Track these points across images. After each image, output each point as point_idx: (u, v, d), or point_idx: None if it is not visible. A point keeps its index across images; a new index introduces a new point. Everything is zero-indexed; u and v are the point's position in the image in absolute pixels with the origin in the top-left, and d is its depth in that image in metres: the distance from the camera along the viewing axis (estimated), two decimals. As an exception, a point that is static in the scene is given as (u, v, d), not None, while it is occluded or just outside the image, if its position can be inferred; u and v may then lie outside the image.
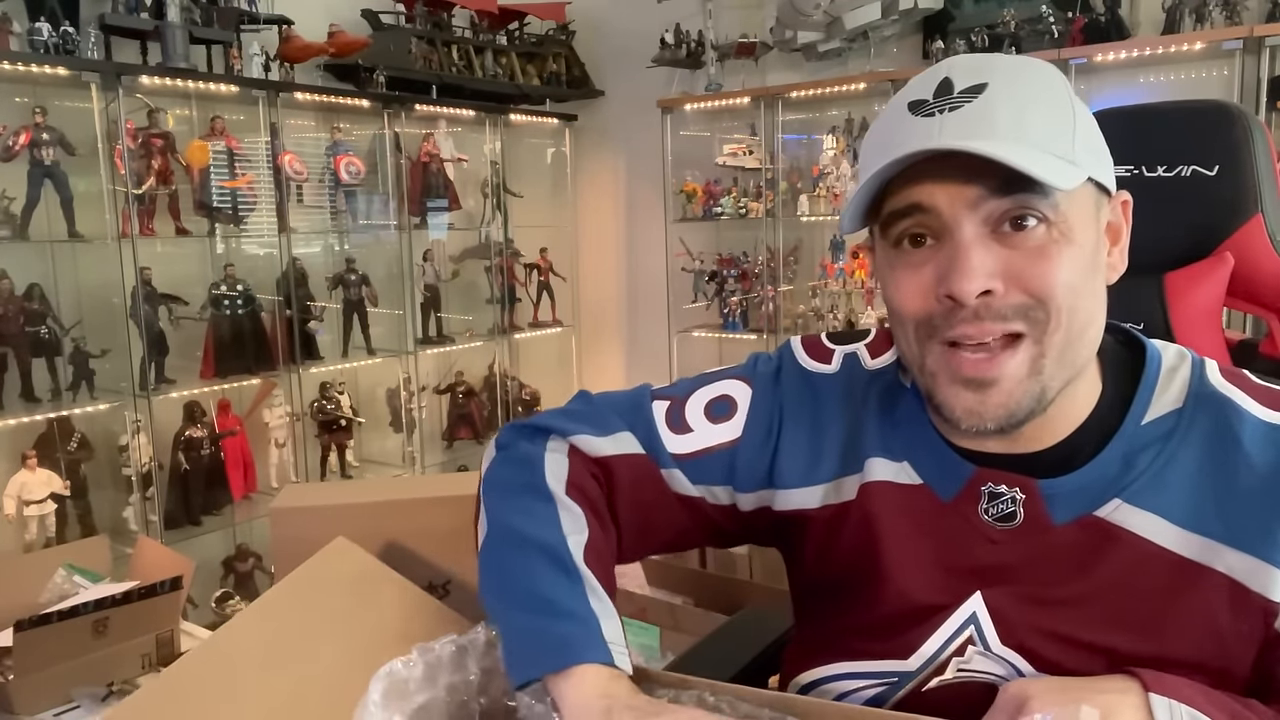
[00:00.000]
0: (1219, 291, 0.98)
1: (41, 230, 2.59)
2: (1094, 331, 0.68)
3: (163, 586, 1.26)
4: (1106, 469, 0.68)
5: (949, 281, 0.63)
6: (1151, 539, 0.66)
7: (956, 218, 0.63)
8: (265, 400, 3.11)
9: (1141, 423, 0.69)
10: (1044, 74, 0.66)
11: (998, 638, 0.70)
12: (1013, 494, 0.70)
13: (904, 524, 0.74)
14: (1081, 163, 0.63)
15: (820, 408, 0.80)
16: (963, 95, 0.63)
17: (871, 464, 0.76)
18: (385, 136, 3.40)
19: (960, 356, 0.65)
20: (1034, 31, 2.96)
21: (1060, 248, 0.63)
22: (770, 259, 3.54)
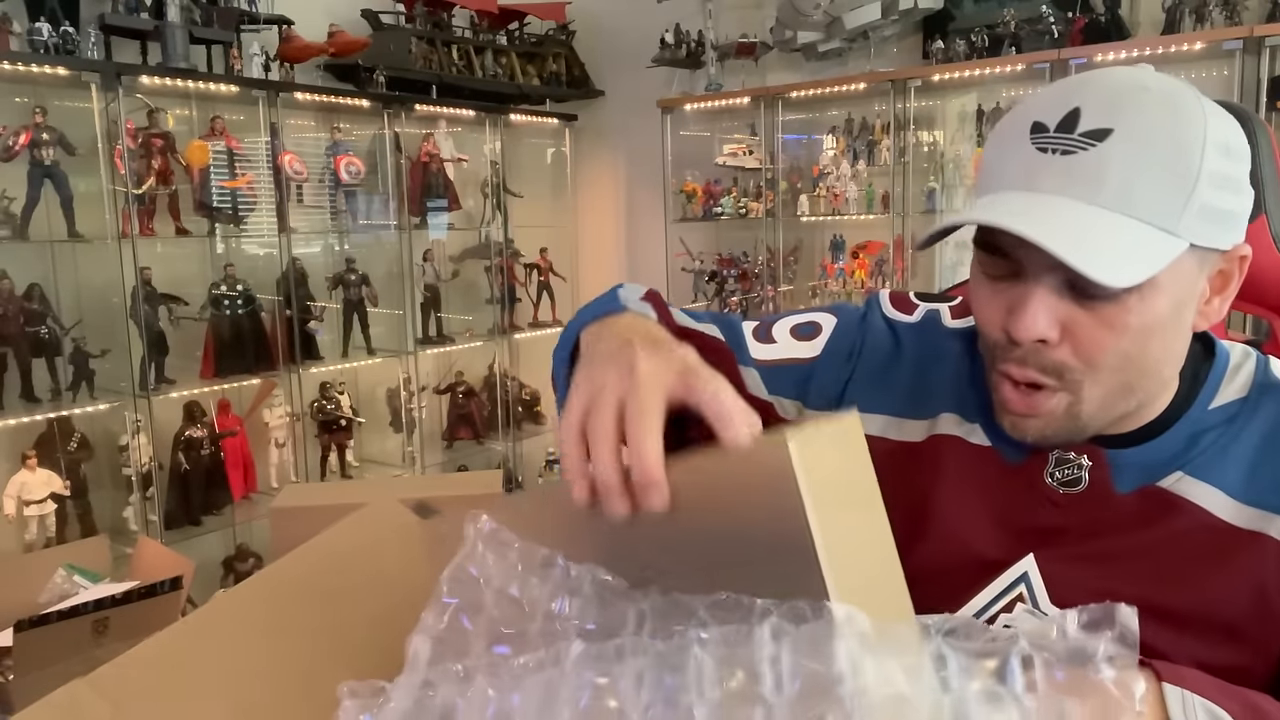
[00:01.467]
0: (1222, 292, 0.98)
1: (41, 230, 2.59)
2: (1156, 377, 0.69)
3: (163, 586, 1.26)
4: (1173, 445, 0.71)
5: (1011, 320, 0.66)
6: (1208, 508, 0.69)
7: (1035, 270, 0.65)
8: (265, 400, 3.11)
9: (1208, 407, 0.72)
10: (1178, 125, 0.63)
11: (1048, 598, 0.72)
12: (1080, 460, 0.72)
13: (968, 480, 0.76)
14: (1187, 232, 0.62)
15: (898, 351, 0.83)
16: (1084, 137, 0.62)
17: (943, 418, 0.78)
18: (385, 136, 3.40)
19: (1006, 388, 0.70)
20: (1034, 31, 2.96)
21: (1130, 318, 0.63)
22: (770, 259, 3.54)
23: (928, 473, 0.77)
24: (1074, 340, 0.65)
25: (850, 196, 3.36)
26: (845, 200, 3.37)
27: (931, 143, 3.30)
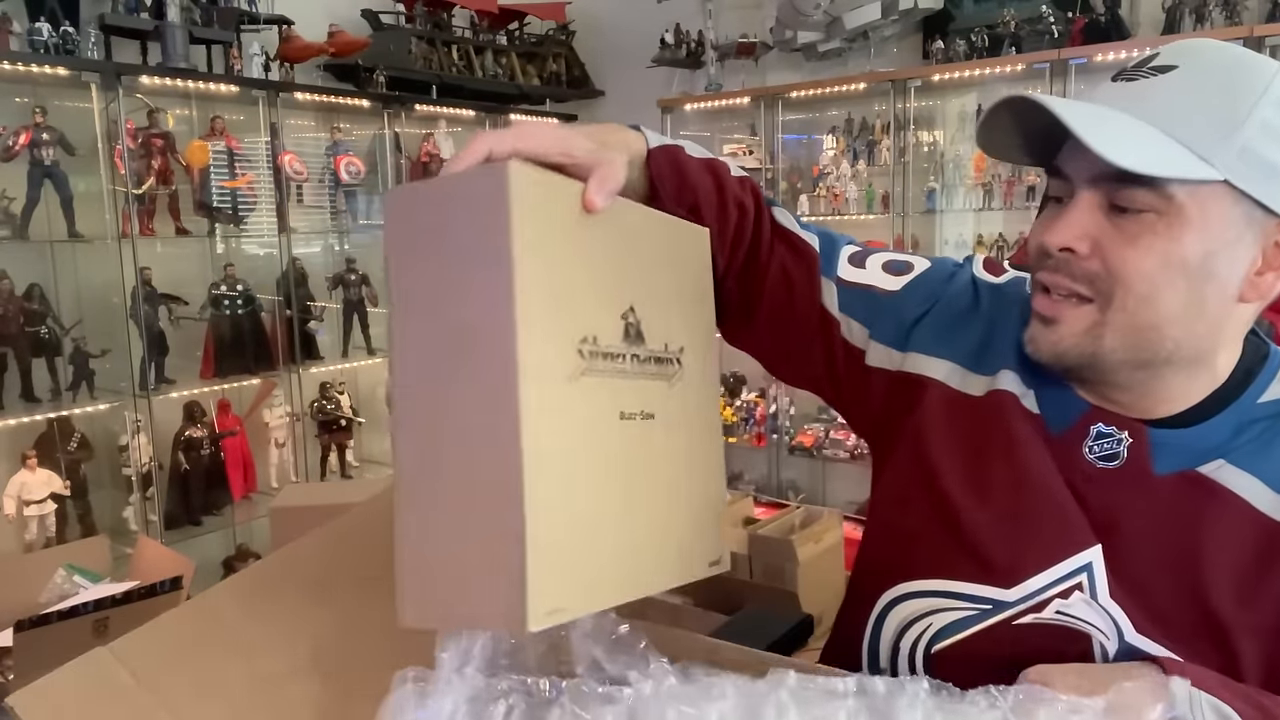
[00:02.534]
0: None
1: (41, 230, 2.59)
2: (1185, 332, 0.68)
3: (163, 586, 1.26)
4: (1217, 432, 0.71)
5: (1044, 231, 0.70)
6: (1247, 498, 0.69)
7: (1078, 185, 0.68)
8: (265, 400, 3.11)
9: (1257, 401, 0.72)
10: (1240, 70, 0.66)
11: (1107, 591, 0.71)
12: (1120, 436, 0.72)
13: (1015, 448, 0.75)
14: (1224, 167, 0.63)
15: (976, 308, 0.83)
16: (1149, 70, 0.67)
17: (1004, 374, 0.79)
18: (385, 136, 3.40)
19: (1039, 295, 0.72)
20: (1034, 31, 2.96)
21: (1156, 239, 0.65)
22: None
23: (986, 430, 0.77)
24: (1102, 254, 0.67)
25: (850, 196, 3.36)
26: (845, 200, 3.37)
27: (931, 143, 3.30)
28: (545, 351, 0.53)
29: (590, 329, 0.57)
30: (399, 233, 0.57)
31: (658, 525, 0.64)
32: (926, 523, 0.78)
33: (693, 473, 0.67)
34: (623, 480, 0.60)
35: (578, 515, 0.55)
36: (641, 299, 0.62)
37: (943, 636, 0.74)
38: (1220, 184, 0.64)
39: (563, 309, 0.55)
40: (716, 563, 0.70)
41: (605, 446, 0.59)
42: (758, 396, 3.69)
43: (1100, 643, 0.70)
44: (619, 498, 0.60)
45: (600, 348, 0.58)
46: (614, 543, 0.59)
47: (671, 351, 0.65)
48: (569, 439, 0.55)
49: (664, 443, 0.64)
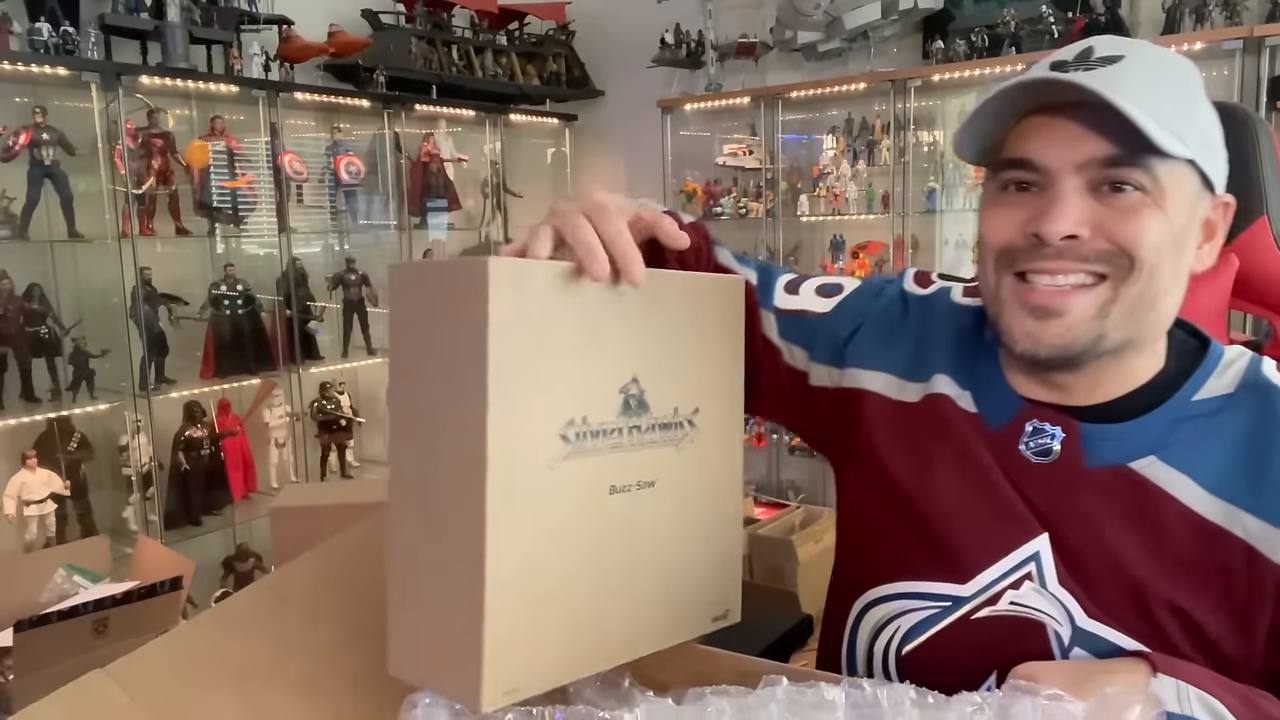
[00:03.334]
0: (1224, 293, 0.98)
1: (41, 230, 2.59)
2: (1167, 304, 0.71)
3: (163, 586, 1.26)
4: (1151, 429, 0.72)
5: (1039, 221, 0.68)
6: (1178, 496, 0.69)
7: (1061, 173, 0.68)
8: (265, 400, 3.11)
9: (1192, 399, 0.72)
10: (1179, 64, 0.71)
11: (1056, 578, 0.72)
12: (1054, 431, 0.74)
13: (956, 446, 0.77)
14: (1191, 146, 0.67)
15: (904, 318, 0.86)
16: (1099, 61, 0.68)
17: (939, 379, 0.81)
18: (385, 136, 3.40)
19: (1032, 287, 0.70)
20: (1034, 31, 2.96)
21: (1153, 213, 0.67)
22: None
23: (926, 433, 0.80)
24: (1108, 232, 0.67)
25: (850, 196, 3.36)
26: (845, 200, 3.37)
27: (931, 143, 3.30)
28: (519, 442, 0.55)
29: (579, 411, 0.58)
30: (398, 307, 0.60)
31: (647, 591, 0.64)
32: (885, 526, 0.81)
33: (701, 531, 0.67)
34: (604, 554, 0.61)
35: (545, 599, 0.57)
36: (648, 368, 0.62)
37: (911, 638, 0.76)
38: (1186, 163, 0.67)
39: (544, 397, 0.57)
40: (723, 616, 0.69)
41: (587, 524, 0.60)
42: (758, 396, 3.69)
43: (1054, 630, 0.72)
44: (596, 572, 0.61)
45: (591, 427, 0.59)
46: (588, 618, 0.60)
47: (682, 415, 0.65)
48: (542, 525, 0.57)
49: (665, 507, 0.64)
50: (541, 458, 0.56)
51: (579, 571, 0.59)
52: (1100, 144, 0.66)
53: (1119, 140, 0.66)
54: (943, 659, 0.66)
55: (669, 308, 0.65)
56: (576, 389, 0.58)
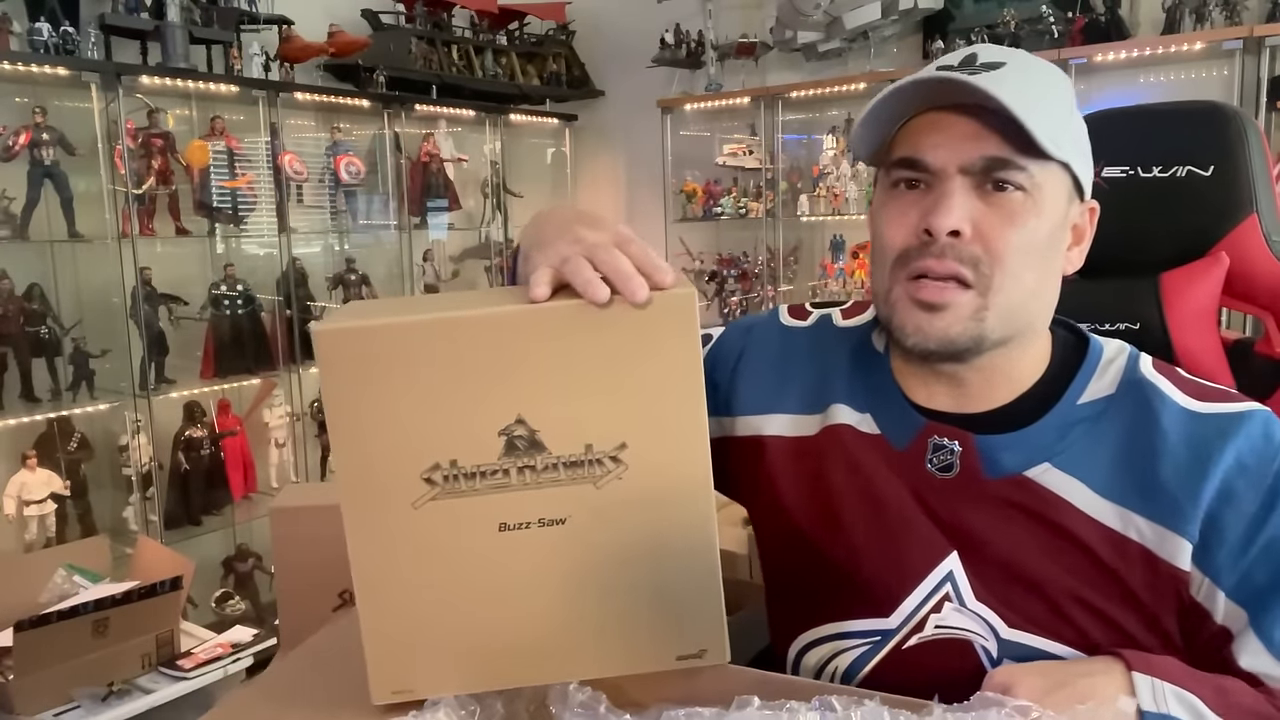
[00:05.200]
0: (1215, 291, 0.99)
1: (41, 230, 2.59)
2: (1038, 305, 0.75)
3: (163, 586, 1.26)
4: (1041, 435, 0.74)
5: (929, 218, 0.71)
6: (1073, 502, 0.72)
7: (948, 172, 0.71)
8: (265, 400, 3.11)
9: (1077, 402, 0.75)
10: (1054, 73, 0.75)
11: (973, 594, 0.74)
12: (953, 445, 0.75)
13: (862, 474, 0.79)
14: (1065, 150, 0.70)
15: (789, 354, 0.87)
16: (983, 67, 0.71)
17: (836, 409, 0.82)
18: (385, 136, 3.41)
19: (920, 284, 0.73)
20: (1034, 31, 2.96)
21: (1028, 217, 0.71)
22: (770, 259, 3.55)
23: (828, 467, 0.81)
24: (982, 236, 0.71)
25: (850, 196, 3.36)
26: (845, 200, 3.37)
27: (931, 143, 3.30)
28: (374, 487, 0.61)
29: (445, 455, 0.61)
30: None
31: (580, 620, 0.65)
32: (803, 572, 0.82)
33: (650, 566, 0.64)
34: (504, 584, 0.64)
35: (427, 619, 0.64)
36: (540, 408, 0.61)
37: (850, 676, 0.78)
38: (1060, 166, 0.71)
39: (400, 446, 0.61)
40: (696, 655, 0.66)
41: (474, 557, 0.63)
42: (757, 396, 3.69)
43: (980, 645, 0.73)
44: (495, 601, 0.64)
45: (463, 469, 0.61)
46: (487, 639, 0.65)
47: (598, 452, 0.62)
48: (413, 556, 0.63)
49: (587, 543, 0.63)
50: (405, 499, 0.61)
51: (470, 598, 0.64)
52: (984, 144, 0.70)
53: (1002, 141, 0.69)
54: (885, 690, 0.66)
55: (578, 340, 0.61)
56: (441, 435, 0.61)
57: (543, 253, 0.63)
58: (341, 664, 0.70)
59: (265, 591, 3.03)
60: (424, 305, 0.66)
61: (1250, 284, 0.99)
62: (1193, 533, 0.69)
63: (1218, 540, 0.69)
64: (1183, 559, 0.69)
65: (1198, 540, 0.69)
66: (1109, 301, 1.01)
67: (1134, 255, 1.02)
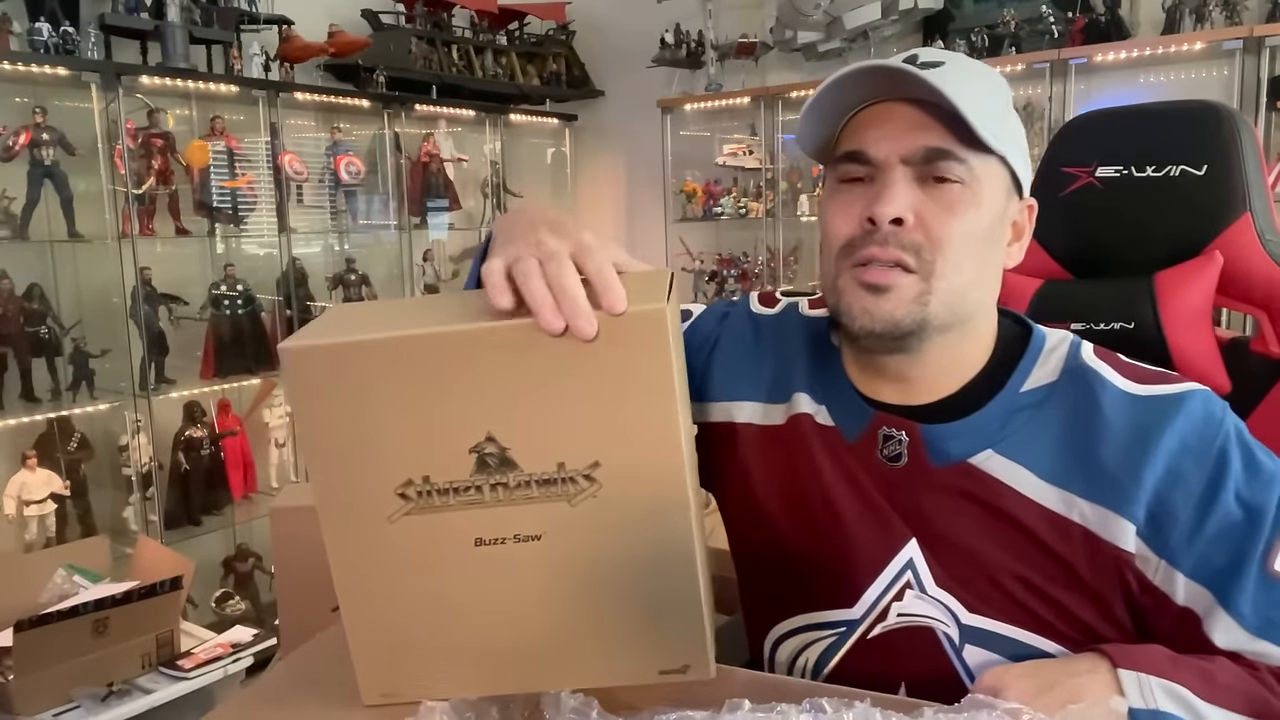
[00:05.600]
0: (1209, 290, 0.99)
1: (41, 230, 2.60)
2: (980, 293, 0.77)
3: (163, 586, 1.27)
4: (985, 423, 0.75)
5: (873, 206, 0.73)
6: (1017, 488, 0.73)
7: (891, 164, 0.73)
8: (265, 400, 3.12)
9: (1020, 390, 0.76)
10: (993, 75, 0.78)
11: (933, 580, 0.75)
12: (900, 435, 0.77)
13: (820, 465, 0.81)
14: (1004, 143, 0.73)
15: (758, 341, 0.89)
16: (923, 65, 0.73)
17: (798, 398, 0.84)
18: (385, 136, 3.41)
19: (866, 269, 0.74)
20: (1034, 31, 2.96)
21: (967, 208, 0.73)
22: (770, 259, 3.55)
23: (793, 456, 0.82)
24: (924, 221, 0.73)
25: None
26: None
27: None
28: (349, 501, 0.62)
29: (418, 471, 0.61)
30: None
31: (559, 633, 0.65)
32: (771, 565, 0.84)
33: (628, 583, 0.64)
34: (481, 596, 0.65)
35: (408, 628, 0.65)
36: (510, 426, 0.60)
37: (821, 666, 0.80)
38: (998, 160, 0.74)
39: (373, 462, 0.61)
40: (680, 670, 0.66)
41: (451, 570, 0.64)
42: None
43: (943, 632, 0.75)
44: (474, 611, 0.65)
45: (435, 485, 0.61)
46: (469, 647, 0.66)
47: (571, 471, 0.61)
48: (392, 568, 0.64)
49: (561, 558, 0.63)
50: (380, 513, 0.62)
51: (449, 610, 0.65)
52: (925, 135, 0.72)
53: (943, 133, 0.72)
54: (854, 682, 0.67)
55: (547, 358, 0.59)
56: (412, 451, 0.61)
57: (503, 251, 0.61)
58: (341, 666, 0.70)
59: (265, 591, 3.03)
60: (395, 317, 0.65)
61: (1244, 283, 0.99)
62: (1136, 514, 0.70)
63: (1169, 522, 0.70)
64: (1125, 539, 0.70)
65: (1143, 521, 0.70)
66: (1103, 301, 1.01)
67: (1128, 254, 1.03)
